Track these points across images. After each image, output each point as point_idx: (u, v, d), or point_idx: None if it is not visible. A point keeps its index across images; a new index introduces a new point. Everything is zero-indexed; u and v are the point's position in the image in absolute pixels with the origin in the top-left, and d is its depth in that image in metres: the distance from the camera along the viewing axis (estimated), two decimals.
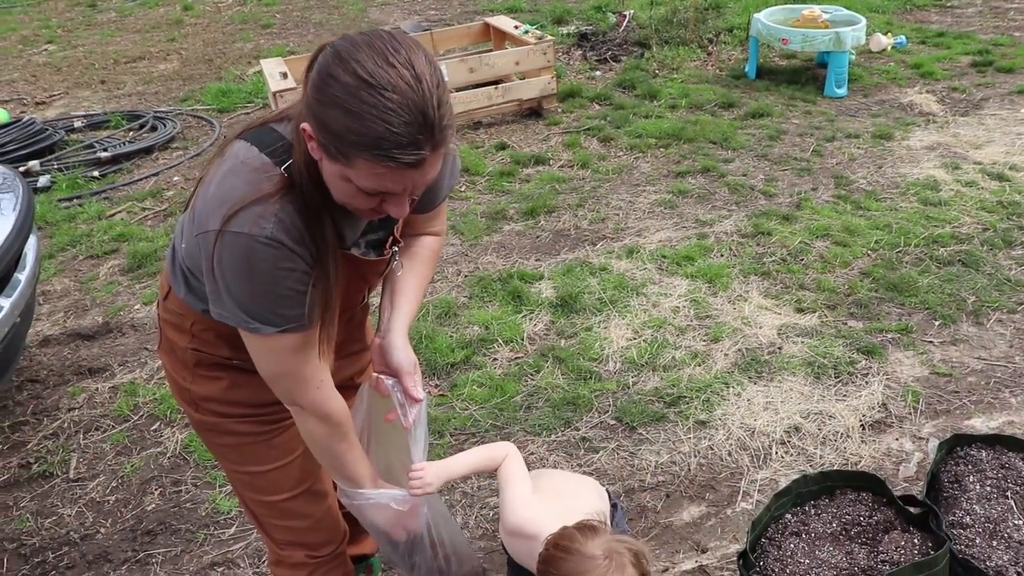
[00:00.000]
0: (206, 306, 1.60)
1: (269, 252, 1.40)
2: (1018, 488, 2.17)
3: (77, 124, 6.56)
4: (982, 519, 2.10)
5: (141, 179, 5.63)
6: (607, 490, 2.18)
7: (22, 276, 3.18)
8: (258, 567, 2.67)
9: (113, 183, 5.59)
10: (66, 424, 3.37)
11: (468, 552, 2.07)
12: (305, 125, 1.36)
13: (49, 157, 5.90)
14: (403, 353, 1.81)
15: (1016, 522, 2.08)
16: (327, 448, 1.69)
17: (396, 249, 1.71)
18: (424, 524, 1.89)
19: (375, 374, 1.84)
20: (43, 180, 5.51)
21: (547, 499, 2.01)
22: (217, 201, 1.42)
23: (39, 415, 3.44)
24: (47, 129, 6.12)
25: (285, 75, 5.46)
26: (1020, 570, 1.98)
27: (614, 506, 2.16)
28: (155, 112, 6.74)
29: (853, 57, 6.55)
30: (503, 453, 2.03)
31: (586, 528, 1.75)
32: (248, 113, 6.75)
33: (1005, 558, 2.01)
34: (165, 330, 1.72)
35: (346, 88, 1.28)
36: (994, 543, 2.05)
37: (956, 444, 2.32)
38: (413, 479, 1.81)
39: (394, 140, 1.28)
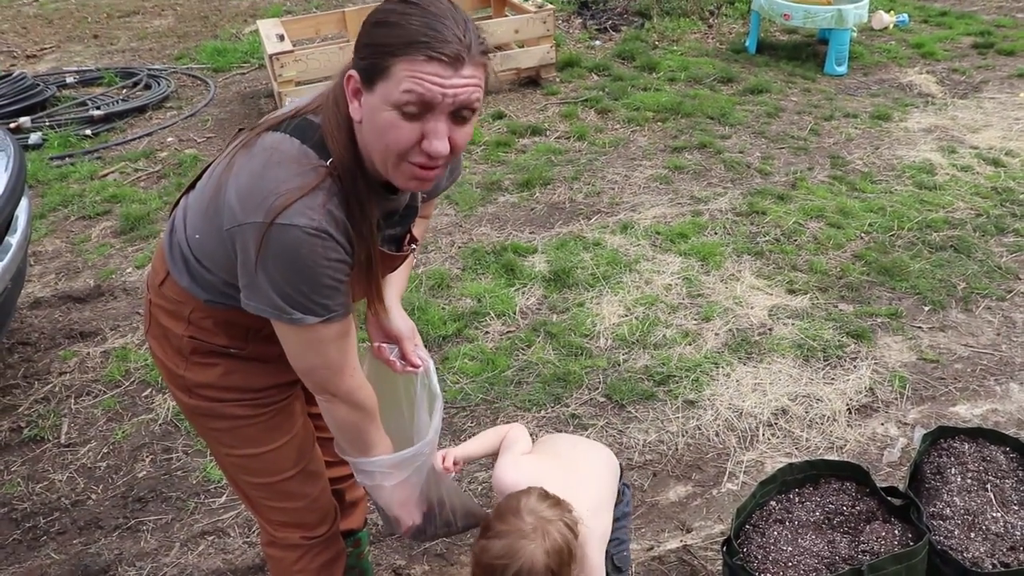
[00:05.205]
0: (210, 296, 1.61)
1: (318, 243, 1.42)
2: (998, 481, 2.20)
3: (69, 80, 6.49)
4: (961, 511, 2.13)
5: (134, 139, 5.59)
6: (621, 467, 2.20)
7: (13, 240, 3.16)
8: (248, 537, 2.70)
9: (106, 142, 5.55)
10: (57, 388, 3.38)
11: (470, 504, 2.09)
12: (351, 72, 1.43)
13: (40, 114, 5.84)
14: (401, 320, 1.90)
15: (994, 514, 2.12)
16: (356, 432, 1.72)
17: (415, 247, 1.74)
18: (428, 497, 1.92)
19: (376, 344, 1.90)
20: (34, 137, 5.45)
21: (543, 461, 2.04)
22: (258, 193, 1.42)
23: (30, 379, 3.44)
24: (38, 84, 6.05)
25: (282, 37, 5.39)
26: (996, 562, 2.02)
27: (625, 485, 2.19)
28: (149, 69, 6.66)
29: (855, 34, 6.51)
30: (508, 429, 2.10)
31: (533, 495, 1.80)
32: (244, 73, 6.69)
33: (982, 550, 2.05)
34: (158, 316, 1.70)
35: (388, 8, 1.40)
36: (972, 535, 2.09)
37: (940, 436, 2.35)
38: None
39: (434, 36, 1.36)
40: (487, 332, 3.59)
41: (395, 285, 1.92)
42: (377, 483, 1.81)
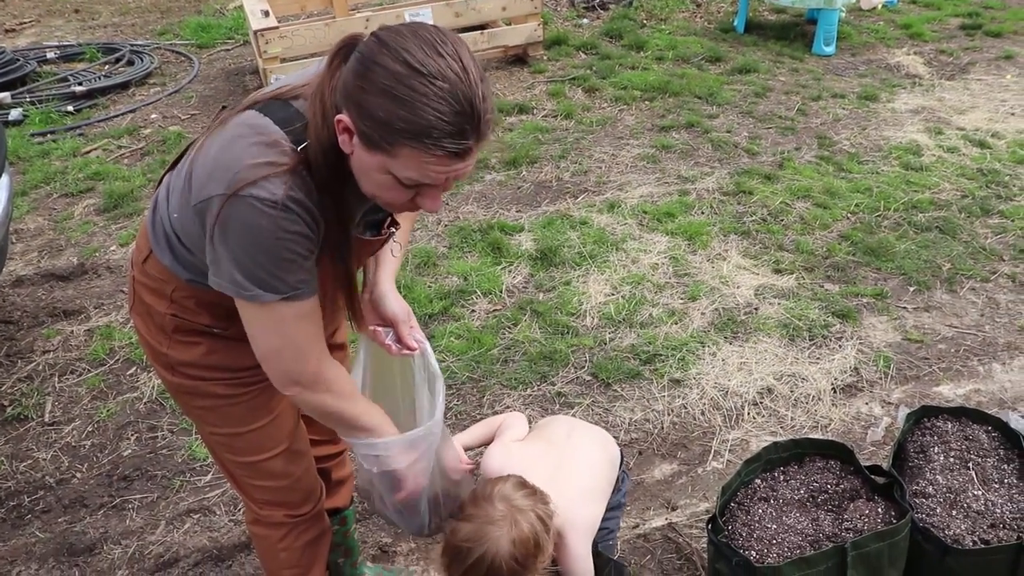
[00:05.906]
0: (191, 276, 1.59)
1: (277, 215, 1.38)
2: (979, 460, 2.23)
3: (50, 55, 6.40)
4: (944, 489, 2.15)
5: (117, 115, 5.52)
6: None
7: None
8: (233, 515, 2.70)
9: (88, 118, 5.48)
10: (41, 367, 3.36)
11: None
12: (341, 117, 1.35)
13: (21, 89, 5.76)
14: (396, 303, 1.88)
15: (975, 492, 2.14)
16: (341, 416, 1.68)
17: (394, 230, 1.71)
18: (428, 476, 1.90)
19: (372, 327, 1.89)
20: (15, 113, 5.39)
21: (533, 448, 2.04)
22: (222, 166, 1.39)
23: (13, 357, 3.41)
24: (18, 59, 5.97)
25: (267, 13, 5.33)
26: (976, 539, 2.05)
27: (625, 472, 2.19)
28: (132, 45, 6.58)
29: (843, 15, 6.49)
30: (505, 417, 2.11)
31: (506, 483, 1.81)
32: (228, 50, 6.61)
33: (963, 527, 2.07)
34: (141, 293, 1.68)
35: (395, 75, 1.28)
36: (954, 512, 2.11)
37: (923, 415, 2.37)
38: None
39: (443, 129, 1.29)
40: (473, 310, 3.58)
41: (387, 265, 1.89)
42: (383, 468, 1.75)
